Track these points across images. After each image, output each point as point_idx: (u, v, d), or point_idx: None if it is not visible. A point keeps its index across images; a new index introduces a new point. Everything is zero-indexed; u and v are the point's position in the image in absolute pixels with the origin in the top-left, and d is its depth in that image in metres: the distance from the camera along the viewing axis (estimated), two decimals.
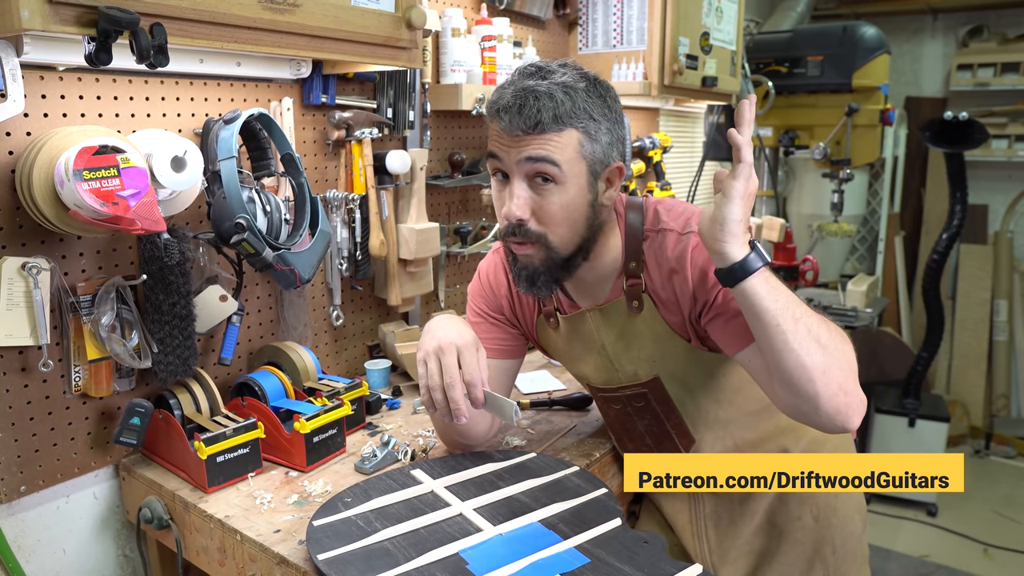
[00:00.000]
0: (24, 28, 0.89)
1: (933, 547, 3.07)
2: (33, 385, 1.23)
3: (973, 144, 3.07)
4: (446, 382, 1.08)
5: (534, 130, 1.02)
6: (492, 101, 1.07)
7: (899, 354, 3.66)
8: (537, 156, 1.03)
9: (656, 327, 1.17)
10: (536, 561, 0.95)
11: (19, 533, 1.26)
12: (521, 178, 1.06)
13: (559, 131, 1.03)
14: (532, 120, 1.02)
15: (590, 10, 2.33)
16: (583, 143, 1.05)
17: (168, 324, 1.30)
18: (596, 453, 1.37)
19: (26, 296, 1.17)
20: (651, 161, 2.73)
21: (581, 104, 1.04)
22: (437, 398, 1.09)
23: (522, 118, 1.02)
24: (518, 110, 1.02)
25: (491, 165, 1.10)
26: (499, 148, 1.07)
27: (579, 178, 1.06)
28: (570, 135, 1.04)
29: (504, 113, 1.03)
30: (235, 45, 1.13)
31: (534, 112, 1.01)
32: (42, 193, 1.09)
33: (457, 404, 1.08)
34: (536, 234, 1.08)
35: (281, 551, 1.04)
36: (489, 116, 1.08)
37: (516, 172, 1.06)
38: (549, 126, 1.02)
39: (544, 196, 1.06)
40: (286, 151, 1.40)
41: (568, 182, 1.05)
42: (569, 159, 1.04)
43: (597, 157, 1.07)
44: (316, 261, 1.41)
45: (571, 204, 1.07)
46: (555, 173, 1.04)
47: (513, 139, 1.04)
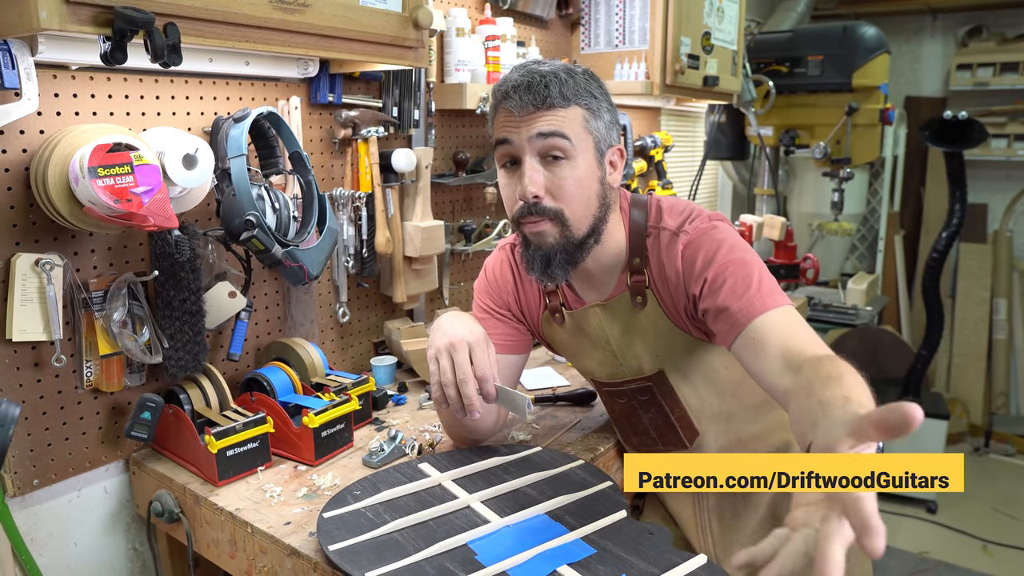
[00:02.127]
0: (42, 28, 0.90)
1: (933, 543, 3.09)
2: (46, 380, 1.25)
3: (972, 143, 3.08)
4: (459, 378, 1.10)
5: (543, 105, 1.07)
6: (498, 87, 1.11)
7: (899, 352, 3.67)
8: (548, 131, 1.07)
9: (659, 322, 1.19)
10: (543, 552, 0.97)
11: (32, 526, 1.28)
12: (533, 156, 1.09)
13: (566, 107, 1.08)
14: (541, 95, 1.06)
15: (592, 10, 2.34)
16: (587, 119, 1.10)
17: (179, 320, 1.31)
18: (600, 447, 1.38)
19: (39, 292, 1.19)
20: (653, 160, 2.75)
21: (582, 84, 1.10)
22: (450, 394, 1.11)
23: (531, 94, 1.06)
24: (527, 87, 1.07)
25: (500, 152, 1.12)
26: (508, 131, 1.09)
27: (588, 153, 1.10)
28: (575, 111, 1.09)
29: (514, 92, 1.07)
30: (246, 44, 1.15)
31: (542, 88, 1.06)
32: (57, 190, 1.11)
33: (470, 399, 1.09)
34: (553, 210, 1.10)
35: (292, 543, 1.06)
36: (496, 101, 1.12)
37: (528, 150, 1.08)
38: (557, 101, 1.07)
39: (556, 172, 1.09)
40: (294, 149, 1.42)
41: (578, 156, 1.09)
42: (577, 133, 1.08)
43: (600, 134, 1.12)
44: (324, 258, 1.42)
45: (583, 179, 1.10)
46: (566, 147, 1.07)
47: (523, 117, 1.08)
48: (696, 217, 1.16)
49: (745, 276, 1.06)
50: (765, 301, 1.04)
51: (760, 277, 1.07)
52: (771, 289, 1.07)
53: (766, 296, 1.04)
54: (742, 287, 1.05)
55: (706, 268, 1.09)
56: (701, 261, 1.10)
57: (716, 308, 1.07)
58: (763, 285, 1.06)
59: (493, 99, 1.13)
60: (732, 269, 1.07)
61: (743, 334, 1.04)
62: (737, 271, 1.07)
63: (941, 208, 4.34)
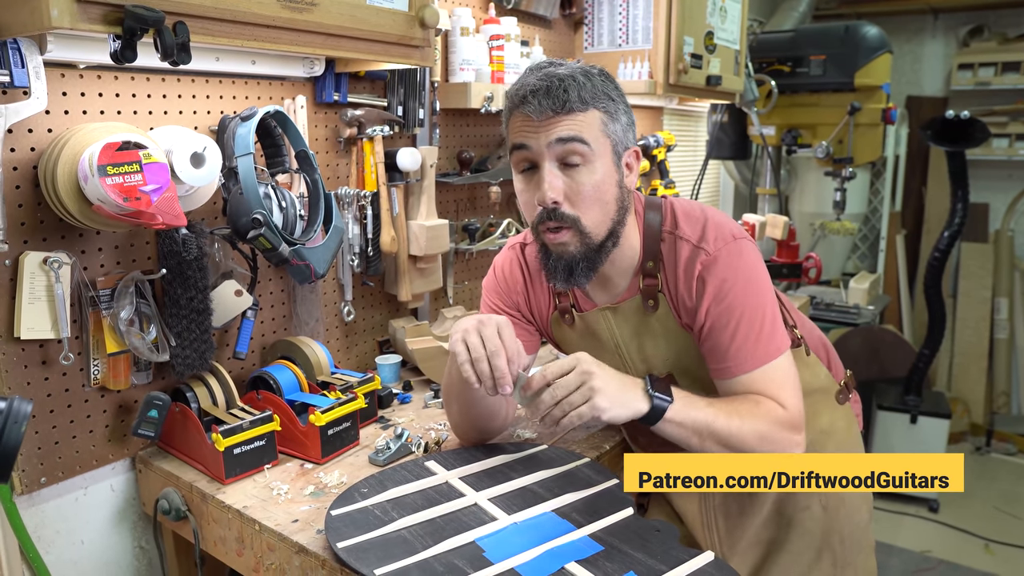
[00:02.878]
0: (53, 26, 0.91)
1: (934, 543, 3.09)
2: (53, 378, 1.25)
3: (974, 143, 3.08)
4: (490, 351, 1.07)
5: (562, 110, 1.06)
6: (514, 91, 1.10)
7: (900, 351, 3.67)
8: (567, 136, 1.06)
9: (670, 326, 1.19)
10: (551, 549, 0.97)
11: (39, 524, 1.28)
12: (552, 161, 1.08)
13: (584, 111, 1.07)
14: (560, 99, 1.05)
15: (596, 9, 2.35)
16: (605, 122, 1.09)
17: (185, 318, 1.32)
18: (606, 445, 1.39)
19: (47, 290, 1.19)
20: (655, 159, 2.75)
21: (599, 86, 1.08)
22: (482, 369, 1.07)
23: (551, 99, 1.05)
24: (546, 92, 1.05)
25: (517, 158, 1.11)
26: (526, 136, 1.09)
27: (606, 157, 1.10)
28: (593, 115, 1.08)
29: (532, 96, 1.06)
30: (255, 43, 1.15)
31: (561, 92, 1.05)
32: (66, 188, 1.11)
33: (502, 372, 1.07)
34: (571, 218, 1.10)
35: (300, 540, 1.06)
36: (512, 106, 1.10)
37: (547, 156, 1.08)
38: (576, 105, 1.06)
39: (575, 177, 1.08)
40: (301, 148, 1.42)
41: (596, 161, 1.08)
42: (595, 137, 1.08)
43: (618, 137, 1.11)
44: (330, 256, 1.43)
45: (601, 184, 1.09)
46: (585, 152, 1.07)
47: (542, 122, 1.07)
48: (716, 230, 1.14)
49: (751, 323, 1.10)
50: (759, 356, 1.10)
51: (763, 324, 1.11)
52: (771, 336, 1.11)
53: (763, 347, 1.10)
54: (742, 336, 1.10)
55: (718, 299, 1.11)
56: (715, 289, 1.11)
57: (713, 342, 1.12)
58: (763, 333, 1.11)
59: (509, 103, 1.11)
60: (741, 311, 1.10)
61: (726, 380, 1.13)
62: (745, 316, 1.10)
63: (943, 207, 4.35)
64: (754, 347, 1.10)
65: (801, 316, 1.36)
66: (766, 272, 1.15)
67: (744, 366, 1.10)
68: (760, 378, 1.11)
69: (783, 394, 1.11)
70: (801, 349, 1.28)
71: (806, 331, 1.34)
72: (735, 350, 1.10)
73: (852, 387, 1.41)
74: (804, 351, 1.29)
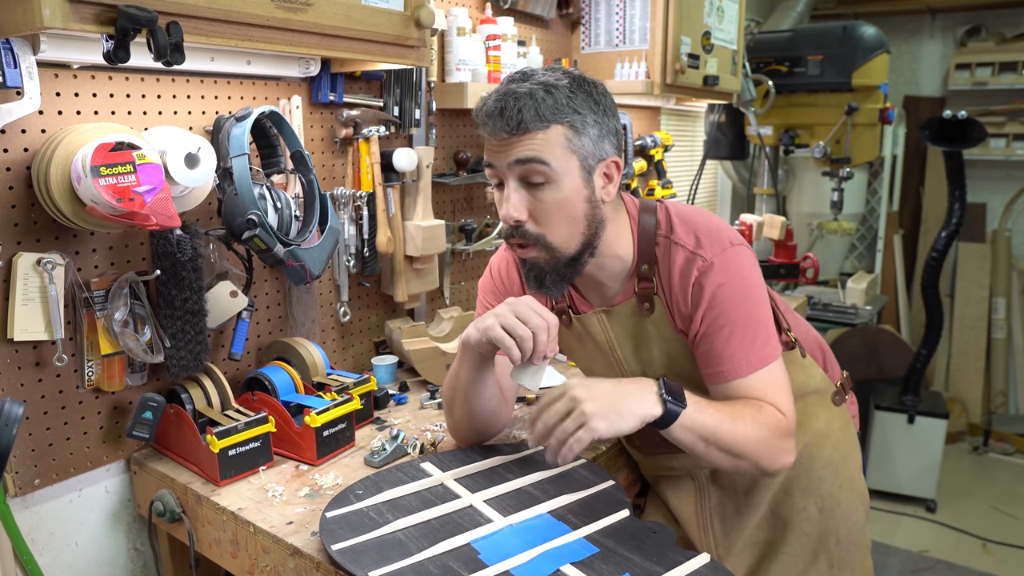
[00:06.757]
0: (45, 26, 0.90)
1: (932, 542, 3.09)
2: (47, 379, 1.25)
3: (971, 143, 3.08)
4: (535, 325, 1.06)
5: (518, 130, 1.03)
6: (477, 110, 1.08)
7: (898, 351, 3.68)
8: (525, 157, 1.04)
9: (664, 330, 1.18)
10: (547, 551, 0.97)
11: (33, 526, 1.28)
12: (515, 180, 1.07)
13: (544, 128, 1.03)
14: (514, 121, 1.02)
15: (593, 9, 2.34)
16: (570, 138, 1.05)
17: (180, 319, 1.31)
18: (603, 447, 1.38)
19: (41, 291, 1.19)
20: (652, 160, 2.75)
21: (563, 100, 1.04)
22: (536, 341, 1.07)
23: (504, 120, 1.03)
24: (499, 113, 1.03)
25: (488, 173, 1.12)
26: (491, 155, 1.08)
27: (572, 174, 1.06)
28: (555, 131, 1.04)
29: (488, 119, 1.05)
30: (249, 43, 1.15)
31: (515, 113, 1.02)
32: (59, 189, 1.11)
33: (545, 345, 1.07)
34: (535, 235, 1.09)
35: (294, 542, 1.06)
36: (478, 125, 1.09)
37: (509, 175, 1.07)
38: (532, 124, 1.02)
39: (538, 196, 1.07)
40: (296, 148, 1.42)
41: (560, 179, 1.05)
42: (558, 156, 1.04)
43: (587, 151, 1.06)
44: (326, 257, 1.42)
45: (567, 201, 1.07)
46: (546, 172, 1.04)
47: (501, 143, 1.05)
48: (713, 236, 1.13)
49: (746, 328, 1.10)
50: (754, 361, 1.10)
51: (758, 330, 1.11)
52: (765, 341, 1.11)
53: (757, 353, 1.10)
54: (737, 341, 1.10)
55: (715, 305, 1.10)
56: (712, 295, 1.10)
57: (708, 347, 1.12)
58: (758, 339, 1.10)
59: (475, 119, 1.09)
60: (737, 317, 1.10)
61: (720, 384, 1.12)
62: (741, 321, 1.10)
63: (940, 207, 4.35)
64: (748, 352, 1.10)
65: (797, 317, 1.35)
66: (762, 278, 1.15)
67: (739, 371, 1.10)
68: (755, 383, 1.11)
69: (780, 399, 1.11)
70: (796, 351, 1.28)
71: (801, 332, 1.34)
72: (730, 355, 1.10)
73: (848, 388, 1.41)
74: (799, 353, 1.29)
